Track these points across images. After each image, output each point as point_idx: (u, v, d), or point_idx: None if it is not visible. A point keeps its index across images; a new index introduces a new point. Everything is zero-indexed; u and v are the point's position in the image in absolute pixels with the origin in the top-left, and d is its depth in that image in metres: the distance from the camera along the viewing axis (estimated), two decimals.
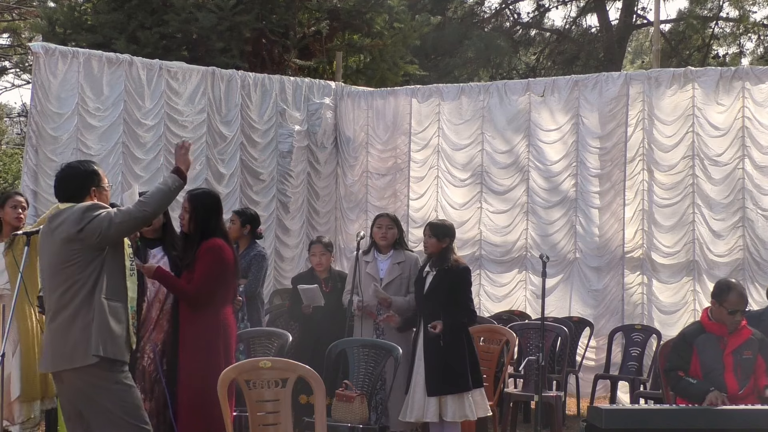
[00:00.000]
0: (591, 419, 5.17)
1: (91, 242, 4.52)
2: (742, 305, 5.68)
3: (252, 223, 7.44)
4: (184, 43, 13.08)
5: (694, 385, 5.52)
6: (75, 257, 4.53)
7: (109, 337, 4.54)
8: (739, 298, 5.67)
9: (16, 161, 21.51)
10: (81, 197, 4.68)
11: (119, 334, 4.59)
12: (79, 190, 4.70)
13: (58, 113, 8.84)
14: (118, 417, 4.55)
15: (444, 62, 19.22)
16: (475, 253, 10.13)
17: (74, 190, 4.70)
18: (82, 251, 4.53)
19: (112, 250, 4.63)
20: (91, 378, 4.54)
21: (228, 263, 5.49)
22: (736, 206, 8.99)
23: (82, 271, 4.53)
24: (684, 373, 5.63)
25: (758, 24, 21.57)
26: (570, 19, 22.32)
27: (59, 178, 4.77)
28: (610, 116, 9.50)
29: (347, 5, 13.84)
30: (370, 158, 10.92)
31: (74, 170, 4.78)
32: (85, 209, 4.56)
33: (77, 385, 4.60)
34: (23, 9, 20.05)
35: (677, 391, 5.72)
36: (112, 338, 4.55)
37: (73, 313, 4.53)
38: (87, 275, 4.53)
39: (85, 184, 4.72)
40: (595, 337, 9.24)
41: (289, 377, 5.09)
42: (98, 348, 4.50)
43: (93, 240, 4.52)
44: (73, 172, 4.76)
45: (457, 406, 6.20)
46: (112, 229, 4.51)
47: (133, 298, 4.77)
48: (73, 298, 4.53)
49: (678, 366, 5.70)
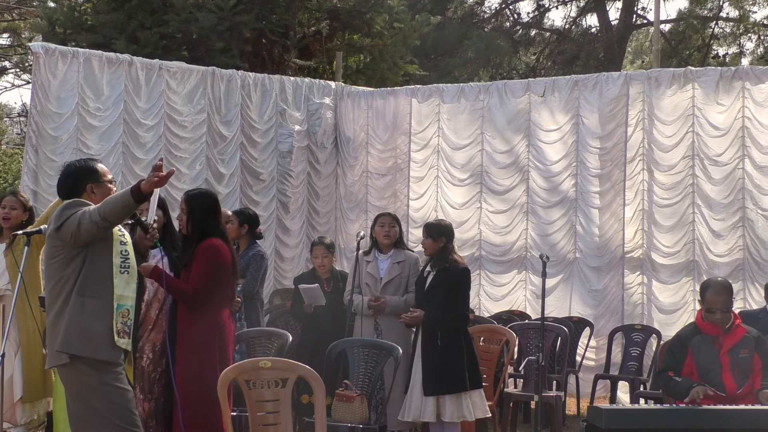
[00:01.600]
0: (591, 419, 5.17)
1: (66, 240, 4.48)
2: (719, 304, 5.61)
3: (250, 223, 7.41)
4: (184, 43, 13.08)
5: (680, 383, 5.54)
6: (58, 254, 4.52)
7: (81, 335, 4.43)
8: (715, 296, 5.62)
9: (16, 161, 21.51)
10: (78, 194, 4.66)
11: (98, 332, 4.47)
12: (75, 187, 4.68)
13: (58, 113, 8.84)
14: (106, 418, 4.46)
15: (444, 62, 19.22)
16: (475, 253, 10.13)
17: (70, 187, 4.69)
18: (64, 248, 4.50)
19: (98, 247, 4.53)
20: (78, 375, 4.49)
21: (225, 263, 5.48)
22: (736, 206, 8.99)
23: (65, 268, 4.50)
24: (675, 374, 5.64)
25: (758, 24, 21.57)
26: (570, 19, 22.34)
27: (59, 178, 4.79)
28: (610, 116, 9.50)
29: (347, 5, 13.84)
30: (370, 158, 10.92)
31: (70, 168, 4.78)
32: (65, 207, 4.54)
33: (69, 384, 4.58)
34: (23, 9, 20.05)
35: (666, 391, 5.76)
36: (86, 337, 4.44)
37: (58, 311, 4.52)
38: (69, 272, 4.49)
39: (81, 180, 4.68)
40: (595, 337, 9.24)
41: (289, 377, 5.09)
42: (66, 346, 4.43)
43: (68, 239, 4.47)
44: (69, 170, 4.76)
45: (455, 407, 6.20)
46: (81, 230, 4.43)
47: (125, 297, 4.58)
48: (59, 295, 4.52)
49: (670, 367, 5.71)
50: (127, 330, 4.59)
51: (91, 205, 4.53)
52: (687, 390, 5.43)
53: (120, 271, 4.59)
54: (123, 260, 4.63)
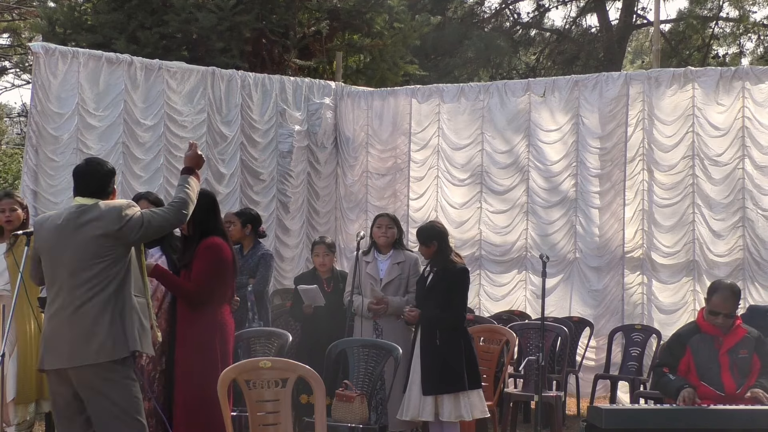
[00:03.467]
0: (591, 419, 5.17)
1: (126, 240, 4.66)
2: (725, 309, 5.60)
3: (253, 223, 7.45)
4: (184, 43, 13.08)
5: (672, 381, 5.54)
6: (108, 253, 4.63)
7: (143, 332, 4.70)
8: (722, 301, 5.61)
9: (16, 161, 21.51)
10: (105, 195, 4.81)
11: (148, 329, 4.77)
12: (104, 188, 4.83)
13: (58, 113, 8.83)
14: (123, 411, 4.62)
15: (444, 62, 19.22)
16: (475, 253, 10.13)
17: (99, 187, 4.81)
18: (116, 248, 4.65)
19: (136, 249, 4.79)
20: (106, 373, 4.59)
21: (226, 262, 5.50)
22: (736, 206, 8.99)
23: (112, 267, 4.64)
24: (669, 370, 5.64)
25: (758, 24, 21.58)
26: (570, 19, 22.34)
27: (85, 172, 4.83)
28: (610, 116, 9.50)
29: (347, 5, 13.84)
30: (370, 158, 10.92)
31: (101, 167, 4.88)
32: (124, 207, 4.71)
33: (88, 381, 4.61)
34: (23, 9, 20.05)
35: (658, 388, 5.76)
36: (145, 334, 4.73)
37: (100, 309, 4.59)
38: (116, 271, 4.65)
39: (109, 182, 4.86)
40: (595, 337, 9.24)
41: (289, 377, 5.09)
42: (136, 343, 4.64)
43: (130, 238, 4.66)
44: (100, 170, 4.86)
45: (453, 406, 6.20)
46: (150, 230, 4.71)
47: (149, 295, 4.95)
48: (100, 292, 4.60)
49: (666, 363, 5.71)
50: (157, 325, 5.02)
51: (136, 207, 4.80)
52: (677, 390, 5.43)
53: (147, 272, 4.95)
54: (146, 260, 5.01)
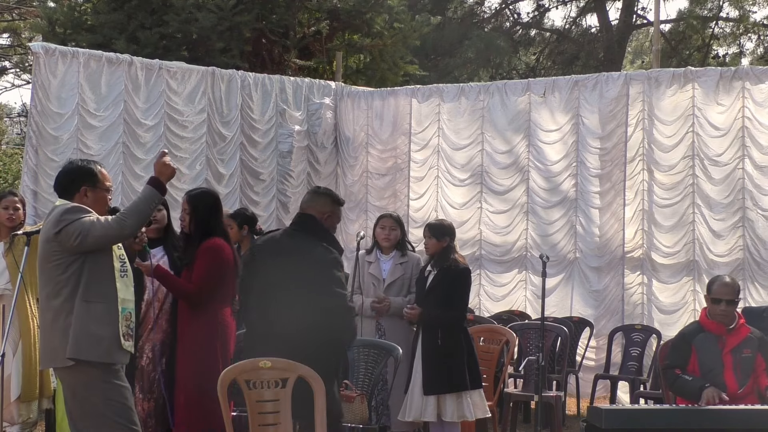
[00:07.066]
0: (591, 419, 5.17)
1: (66, 246, 4.45)
2: (727, 295, 5.60)
3: (249, 224, 7.42)
4: (184, 43, 13.08)
5: (690, 382, 5.53)
6: (54, 257, 4.48)
7: (88, 340, 4.43)
8: (723, 287, 5.63)
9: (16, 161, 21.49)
10: (71, 193, 4.62)
11: (104, 336, 4.48)
12: (69, 186, 4.64)
13: (58, 113, 8.84)
14: (106, 416, 4.48)
15: (444, 62, 19.23)
16: (475, 253, 10.12)
17: (65, 186, 4.65)
18: (61, 252, 4.47)
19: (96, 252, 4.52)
20: (81, 376, 4.49)
21: (228, 262, 5.50)
22: (736, 206, 8.99)
23: (62, 272, 4.47)
24: (681, 371, 5.63)
25: (758, 24, 21.58)
26: (570, 19, 22.35)
27: (57, 173, 4.76)
28: (610, 116, 9.50)
29: (347, 5, 13.84)
30: (370, 158, 10.91)
31: (69, 166, 4.75)
32: (65, 211, 4.50)
33: (68, 382, 4.58)
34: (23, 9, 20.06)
35: (674, 389, 5.73)
36: (93, 341, 4.44)
37: (54, 315, 4.49)
38: (67, 277, 4.47)
39: (76, 181, 4.64)
40: (595, 337, 9.24)
41: (289, 377, 5.08)
42: (74, 351, 4.42)
43: (68, 244, 4.44)
44: (67, 168, 4.73)
45: (456, 406, 6.19)
46: (89, 239, 4.43)
47: (127, 300, 4.61)
48: (54, 299, 4.49)
49: (676, 364, 5.71)
50: (131, 333, 4.63)
51: (93, 214, 4.50)
52: (699, 390, 5.41)
53: (120, 275, 4.61)
54: (122, 264, 4.66)
